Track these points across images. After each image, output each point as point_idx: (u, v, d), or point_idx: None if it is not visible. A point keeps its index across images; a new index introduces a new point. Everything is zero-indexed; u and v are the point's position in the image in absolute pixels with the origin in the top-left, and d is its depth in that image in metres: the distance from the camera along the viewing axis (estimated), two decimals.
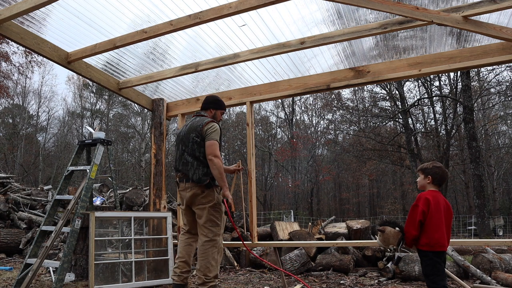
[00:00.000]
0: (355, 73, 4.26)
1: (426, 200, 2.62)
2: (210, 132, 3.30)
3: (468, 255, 5.48)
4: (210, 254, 3.27)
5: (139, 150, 29.28)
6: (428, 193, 2.70)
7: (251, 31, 3.80)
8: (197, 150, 3.32)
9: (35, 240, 3.97)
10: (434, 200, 2.64)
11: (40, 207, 8.35)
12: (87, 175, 4.03)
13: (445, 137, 22.16)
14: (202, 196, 3.30)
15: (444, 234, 2.63)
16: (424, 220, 2.60)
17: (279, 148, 30.93)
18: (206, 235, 3.31)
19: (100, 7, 3.47)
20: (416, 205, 2.64)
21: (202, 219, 3.33)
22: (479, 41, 3.77)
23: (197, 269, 3.31)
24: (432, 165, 2.80)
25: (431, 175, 2.75)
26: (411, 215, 2.67)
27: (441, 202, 2.69)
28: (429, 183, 2.76)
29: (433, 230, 2.59)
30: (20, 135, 28.22)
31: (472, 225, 17.90)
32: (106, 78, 4.61)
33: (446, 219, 2.67)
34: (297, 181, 28.76)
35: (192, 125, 3.42)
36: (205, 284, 3.25)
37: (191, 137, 3.36)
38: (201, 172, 3.30)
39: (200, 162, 3.32)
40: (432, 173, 2.76)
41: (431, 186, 2.76)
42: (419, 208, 2.61)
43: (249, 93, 4.76)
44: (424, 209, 2.60)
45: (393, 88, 22.33)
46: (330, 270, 5.07)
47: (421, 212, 2.59)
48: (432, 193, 2.69)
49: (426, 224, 2.61)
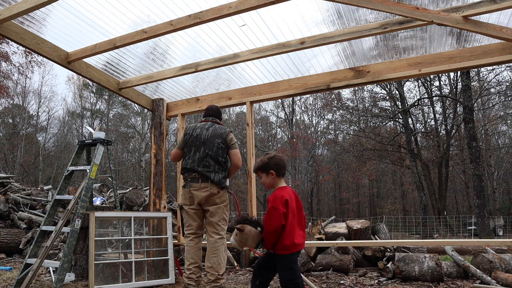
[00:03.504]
0: (355, 73, 4.25)
1: (285, 201, 2.41)
2: (234, 141, 3.71)
3: (468, 255, 5.48)
4: (221, 251, 3.48)
5: (139, 150, 29.29)
6: (284, 192, 2.48)
7: (251, 31, 3.80)
8: (220, 155, 3.62)
9: (35, 240, 3.97)
10: (290, 198, 2.45)
11: (40, 207, 8.35)
12: (87, 175, 4.03)
13: (445, 137, 22.19)
14: (217, 196, 3.56)
15: (300, 232, 2.45)
16: (285, 222, 2.39)
17: (279, 148, 30.92)
18: (218, 232, 3.54)
19: (100, 7, 3.47)
20: (274, 208, 2.39)
21: (216, 218, 3.55)
22: (479, 41, 3.77)
23: (209, 266, 3.42)
24: (267, 158, 2.57)
25: (273, 169, 2.54)
26: (270, 219, 2.40)
27: (293, 198, 2.50)
28: (275, 177, 2.54)
29: (290, 232, 2.40)
30: (20, 135, 28.22)
31: (472, 225, 17.89)
32: (106, 78, 4.61)
33: (298, 215, 2.50)
34: (297, 181, 28.76)
35: (216, 131, 3.68)
36: (218, 280, 3.39)
37: (217, 142, 3.63)
38: (221, 175, 3.60)
39: (220, 166, 3.61)
40: (272, 166, 2.54)
41: (279, 180, 2.56)
42: (279, 210, 2.37)
43: (249, 93, 4.76)
44: (284, 211, 2.38)
45: (393, 88, 22.35)
46: (330, 270, 5.07)
47: (281, 214, 2.37)
48: (286, 191, 2.49)
49: (285, 226, 2.39)
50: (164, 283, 4.20)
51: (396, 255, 4.74)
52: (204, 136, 3.66)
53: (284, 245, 2.39)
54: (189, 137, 3.73)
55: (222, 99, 4.90)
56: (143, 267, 4.19)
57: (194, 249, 3.59)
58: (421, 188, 21.59)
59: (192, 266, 3.52)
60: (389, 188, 33.14)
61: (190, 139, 3.70)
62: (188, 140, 3.72)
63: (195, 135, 3.70)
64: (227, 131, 3.73)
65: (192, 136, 3.71)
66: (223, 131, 3.71)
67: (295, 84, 4.54)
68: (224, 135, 3.68)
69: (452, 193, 30.16)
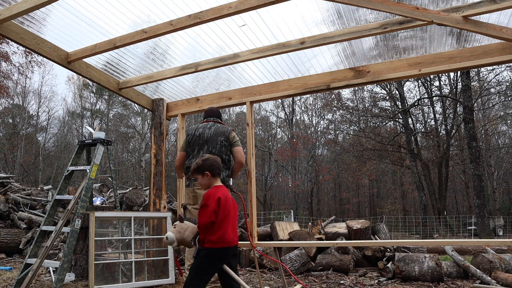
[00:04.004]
0: (355, 73, 4.25)
1: (217, 199, 2.55)
2: (237, 139, 3.75)
3: (468, 255, 5.49)
4: None
5: (139, 150, 29.28)
6: (218, 191, 2.63)
7: (251, 31, 3.79)
8: (224, 152, 3.66)
9: (35, 240, 3.97)
10: (224, 197, 2.59)
11: (40, 207, 8.35)
12: (87, 175, 4.03)
13: (445, 137, 22.19)
14: None
15: (230, 231, 2.58)
16: (215, 219, 2.52)
17: (279, 148, 30.93)
18: None
19: (100, 7, 3.47)
20: (206, 205, 2.55)
21: None
22: (479, 41, 3.76)
23: None
24: (201, 161, 2.72)
25: (208, 170, 2.69)
26: (201, 215, 2.56)
27: (228, 198, 2.66)
28: (210, 178, 2.69)
29: (219, 228, 2.53)
30: (20, 135, 28.22)
31: (472, 225, 17.89)
32: (106, 78, 4.61)
33: (231, 215, 2.62)
34: (297, 181, 28.75)
35: (218, 130, 3.72)
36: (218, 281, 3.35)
37: (220, 140, 3.67)
38: (225, 174, 3.60)
39: (224, 164, 3.59)
40: (207, 168, 2.69)
41: (214, 180, 2.71)
42: (211, 208, 2.52)
43: (249, 93, 4.76)
44: (216, 208, 2.53)
45: (393, 88, 22.34)
46: (330, 270, 5.07)
47: (212, 212, 2.51)
48: (220, 190, 2.64)
49: (214, 223, 2.54)
50: (164, 283, 4.20)
51: (396, 255, 4.75)
52: (206, 135, 3.69)
53: (211, 239, 2.52)
54: (191, 137, 3.75)
55: (222, 99, 4.90)
56: (143, 267, 4.19)
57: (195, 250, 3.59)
58: (421, 188, 21.59)
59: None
60: (389, 188, 33.14)
61: (193, 139, 3.73)
62: (191, 140, 3.74)
63: (198, 134, 3.72)
64: (229, 129, 3.78)
65: (194, 135, 3.73)
66: (225, 129, 3.76)
67: (295, 84, 4.54)
68: (227, 133, 3.72)
69: (452, 193, 30.15)
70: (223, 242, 2.54)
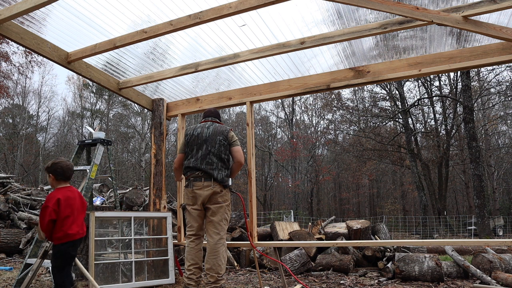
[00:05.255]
0: (355, 73, 4.25)
1: (56, 200, 2.75)
2: (235, 139, 3.74)
3: (468, 255, 5.49)
4: (221, 252, 3.47)
5: (139, 150, 29.28)
6: (58, 193, 2.82)
7: (251, 31, 3.80)
8: (223, 152, 3.64)
9: (35, 240, 3.97)
10: (65, 198, 2.80)
11: (40, 207, 8.34)
12: (87, 175, 4.03)
13: (445, 137, 22.18)
14: (220, 195, 3.58)
15: (75, 226, 2.82)
16: (56, 217, 2.75)
17: (279, 148, 30.93)
18: (219, 232, 3.53)
19: (100, 7, 3.47)
20: (46, 206, 2.75)
21: (217, 217, 3.55)
22: (479, 41, 3.77)
23: (209, 267, 3.42)
24: (52, 163, 2.89)
25: (52, 173, 2.86)
26: (41, 215, 2.77)
27: (76, 197, 2.88)
28: (53, 180, 2.88)
29: (62, 226, 2.76)
30: (20, 135, 28.22)
31: (472, 225, 17.88)
32: (106, 78, 4.61)
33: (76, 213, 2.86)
34: (297, 181, 28.73)
35: (217, 129, 3.72)
36: (218, 281, 3.40)
37: (218, 139, 3.65)
38: (224, 174, 3.61)
39: (223, 164, 3.63)
40: (52, 171, 2.87)
41: (57, 183, 2.88)
42: (49, 208, 2.73)
43: (249, 93, 4.76)
44: (55, 208, 2.74)
45: (393, 88, 22.34)
46: (330, 270, 5.07)
47: (52, 211, 2.73)
48: (61, 192, 2.83)
49: (58, 221, 2.77)
50: (164, 283, 4.20)
51: (396, 255, 4.74)
52: (205, 134, 3.68)
53: (57, 236, 2.77)
54: (190, 137, 3.74)
55: (222, 99, 4.90)
56: (143, 267, 4.19)
57: (195, 250, 3.59)
58: (421, 188, 21.59)
59: (192, 266, 3.53)
60: (389, 188, 33.14)
61: (192, 139, 3.72)
62: (190, 140, 3.73)
63: (196, 134, 3.71)
64: (228, 129, 3.78)
65: (193, 135, 3.72)
66: (224, 128, 3.76)
67: (295, 84, 4.54)
68: (225, 132, 3.72)
69: (452, 193, 30.14)
70: (67, 236, 2.78)
